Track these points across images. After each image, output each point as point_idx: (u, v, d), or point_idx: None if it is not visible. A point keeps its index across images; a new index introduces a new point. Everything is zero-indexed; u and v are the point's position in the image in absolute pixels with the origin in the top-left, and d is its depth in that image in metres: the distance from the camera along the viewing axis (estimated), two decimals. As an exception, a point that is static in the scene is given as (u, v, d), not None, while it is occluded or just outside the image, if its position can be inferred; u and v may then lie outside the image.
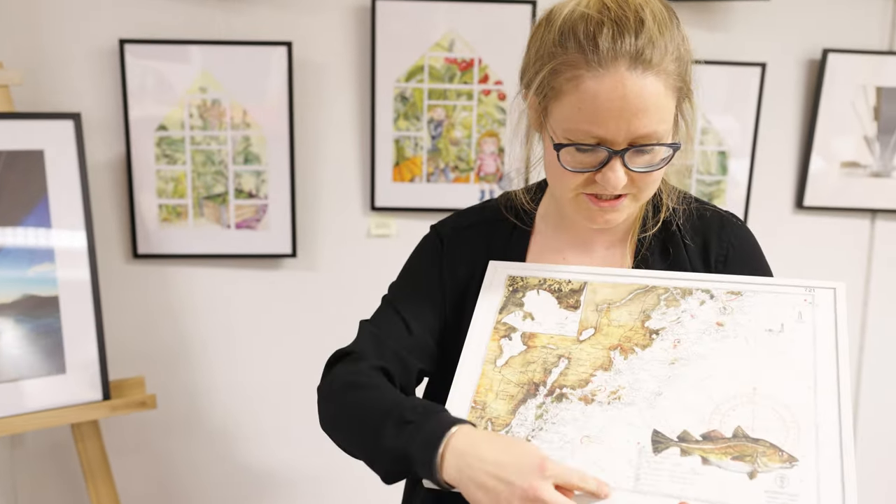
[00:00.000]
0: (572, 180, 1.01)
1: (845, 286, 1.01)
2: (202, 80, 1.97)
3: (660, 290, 1.07)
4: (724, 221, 1.15)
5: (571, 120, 0.97)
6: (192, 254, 2.06)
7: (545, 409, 0.99)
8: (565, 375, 1.01)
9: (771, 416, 0.92)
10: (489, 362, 1.05)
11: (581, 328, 1.05)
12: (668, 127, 0.99)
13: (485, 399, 1.02)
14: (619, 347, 1.02)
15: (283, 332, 2.15)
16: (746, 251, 1.15)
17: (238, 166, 2.02)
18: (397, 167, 2.08)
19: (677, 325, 1.02)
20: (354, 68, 2.04)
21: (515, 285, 1.12)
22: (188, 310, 2.10)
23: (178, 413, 2.15)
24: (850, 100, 2.16)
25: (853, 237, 2.26)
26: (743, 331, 1.00)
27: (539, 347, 1.05)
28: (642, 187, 1.02)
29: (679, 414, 0.94)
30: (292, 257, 2.08)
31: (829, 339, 0.97)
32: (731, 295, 1.04)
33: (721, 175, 2.16)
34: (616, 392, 0.98)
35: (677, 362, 0.99)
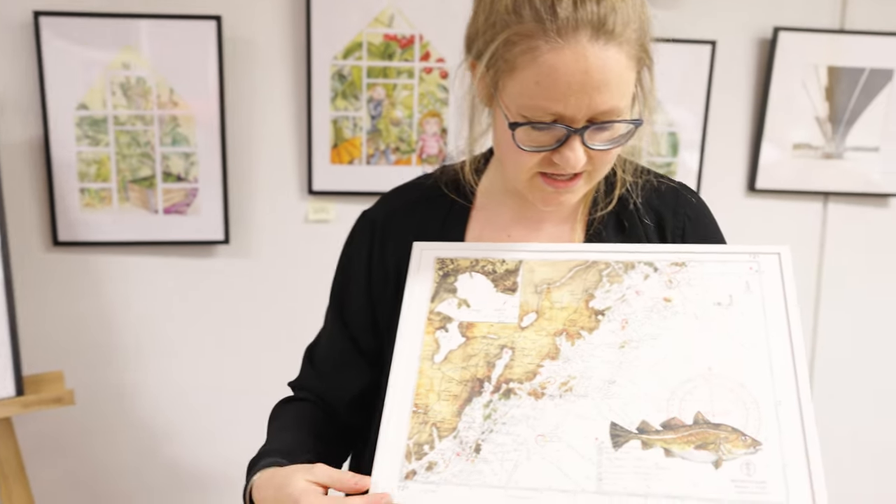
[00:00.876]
0: (527, 160, 0.93)
1: (789, 249, 0.97)
2: (125, 56, 1.86)
3: (601, 265, 1.00)
4: (679, 195, 1.09)
5: (528, 96, 0.89)
6: (118, 241, 1.94)
7: (493, 408, 0.92)
8: (511, 368, 0.94)
9: (729, 398, 0.88)
10: (426, 359, 0.97)
11: (522, 313, 0.98)
12: (628, 101, 0.92)
13: (426, 401, 0.94)
14: (565, 332, 0.96)
15: (215, 323, 2.04)
16: (703, 223, 1.10)
17: (166, 148, 1.91)
18: (335, 149, 1.99)
19: (623, 304, 0.96)
20: (289, 44, 1.94)
21: (445, 269, 1.03)
22: (114, 300, 1.99)
23: (102, 411, 2.03)
24: (801, 80, 2.11)
25: (806, 220, 2.22)
26: (692, 306, 0.95)
27: (479, 338, 0.97)
28: (599, 166, 0.95)
29: (636, 402, 0.89)
30: (225, 244, 1.98)
31: (779, 309, 0.94)
32: (675, 267, 0.99)
33: (672, 157, 2.10)
34: (567, 383, 0.92)
35: (627, 345, 0.94)
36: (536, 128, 0.91)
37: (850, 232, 2.23)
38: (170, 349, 2.03)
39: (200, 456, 2.09)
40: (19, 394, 1.71)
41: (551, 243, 1.05)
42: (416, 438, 0.91)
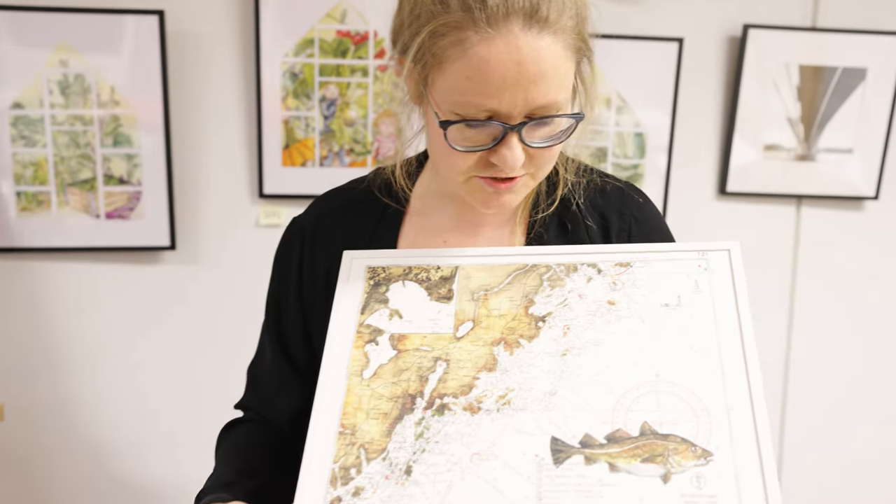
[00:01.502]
0: (462, 162, 0.86)
1: (739, 245, 0.91)
2: (62, 53, 1.76)
3: (541, 268, 0.94)
4: (624, 195, 1.03)
5: (459, 92, 0.82)
6: (57, 247, 1.85)
7: (426, 426, 0.85)
8: (445, 382, 0.87)
9: (678, 406, 0.82)
10: (355, 375, 0.90)
11: (457, 322, 0.91)
12: (567, 94, 0.86)
13: (354, 421, 0.87)
14: (503, 342, 0.89)
15: (161, 333, 1.95)
16: (650, 224, 1.04)
17: (107, 149, 1.82)
18: (287, 150, 1.90)
19: (565, 309, 0.90)
20: (237, 40, 1.86)
21: (376, 278, 0.96)
22: (52, 309, 1.89)
23: (39, 426, 1.94)
24: (772, 79, 2.04)
25: (779, 224, 2.15)
26: (638, 308, 0.89)
27: (411, 351, 0.90)
28: (541, 164, 0.89)
29: (578, 414, 0.83)
30: (171, 250, 1.89)
31: (730, 309, 0.88)
32: (619, 267, 0.93)
33: (639, 158, 2.02)
34: (505, 396, 0.85)
35: (569, 353, 0.87)
36: (470, 126, 0.84)
37: (825, 236, 2.16)
38: (113, 361, 1.94)
39: (144, 470, 2.00)
40: (-55, 409, 1.62)
41: (489, 247, 0.98)
42: (343, 462, 0.84)
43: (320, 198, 1.09)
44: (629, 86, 1.98)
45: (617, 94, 1.98)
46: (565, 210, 1.02)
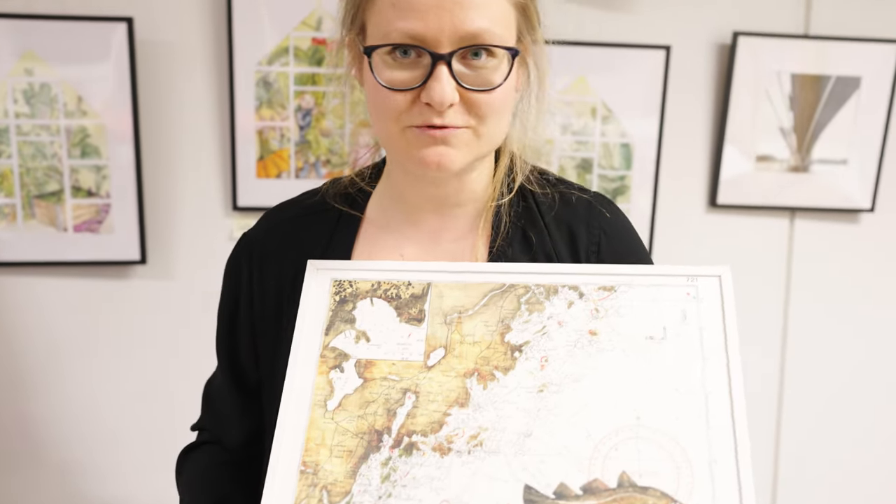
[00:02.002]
0: (394, 104, 0.82)
1: (730, 271, 0.85)
2: (27, 61, 1.71)
3: (519, 289, 0.87)
4: (592, 207, 0.98)
5: (386, 21, 0.80)
6: (22, 261, 1.79)
7: (393, 467, 0.79)
8: (414, 417, 0.81)
9: (659, 455, 0.77)
10: (318, 405, 0.83)
11: (428, 349, 0.85)
12: (505, 35, 0.83)
13: (316, 458, 0.80)
14: (477, 373, 0.83)
15: (132, 351, 1.88)
16: (620, 238, 0.98)
17: (74, 160, 1.76)
18: (261, 161, 1.84)
19: (543, 338, 0.84)
20: (209, 49, 1.80)
21: (343, 293, 0.89)
22: (17, 325, 1.83)
23: (3, 447, 1.87)
24: (763, 88, 1.98)
25: (772, 237, 2.08)
26: (620, 341, 0.83)
27: (379, 380, 0.83)
28: (482, 115, 0.84)
29: (554, 460, 0.77)
30: (141, 264, 1.83)
31: (718, 346, 0.82)
32: (602, 292, 0.86)
33: (625, 170, 1.96)
34: (477, 436, 0.79)
35: (547, 389, 0.81)
36: (397, 60, 0.81)
37: (819, 249, 2.10)
38: (81, 378, 1.88)
39: (113, 490, 1.93)
40: None
41: (464, 262, 0.92)
42: None
43: (270, 210, 1.04)
44: (615, 95, 1.92)
45: (602, 103, 1.92)
46: (530, 223, 0.97)
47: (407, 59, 0.81)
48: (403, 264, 0.91)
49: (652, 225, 1.98)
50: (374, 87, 0.84)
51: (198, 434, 1.12)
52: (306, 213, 1.00)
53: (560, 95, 1.90)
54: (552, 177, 1.01)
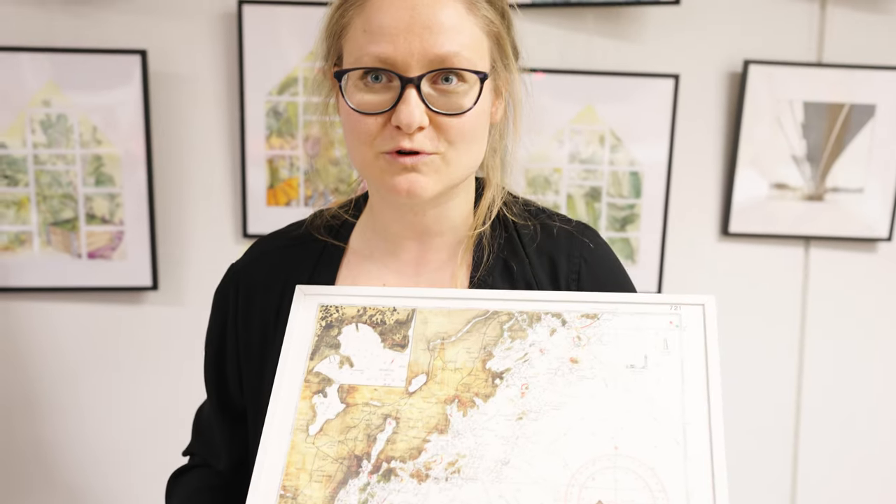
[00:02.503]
0: (366, 129, 0.84)
1: (714, 300, 0.85)
2: (46, 93, 1.76)
3: (503, 316, 0.89)
4: (573, 237, 0.99)
5: (358, 47, 0.84)
6: (38, 286, 1.83)
7: (370, 493, 0.80)
8: (393, 443, 0.82)
9: (636, 485, 0.77)
10: (300, 430, 0.85)
11: (410, 375, 0.86)
12: (474, 58, 0.85)
13: (296, 483, 0.81)
14: (457, 399, 0.84)
15: (143, 375, 1.91)
16: (601, 266, 0.99)
17: (89, 188, 1.81)
18: (271, 190, 1.87)
19: (524, 365, 0.85)
20: (221, 80, 1.84)
21: (329, 318, 0.91)
22: (33, 350, 1.87)
23: (16, 469, 1.91)
24: (775, 116, 1.96)
25: (786, 266, 2.05)
26: (601, 369, 0.84)
27: (360, 405, 0.85)
28: (451, 140, 0.85)
29: (530, 488, 0.78)
30: (153, 290, 1.86)
31: (699, 375, 0.82)
32: (585, 319, 0.87)
33: (635, 198, 1.95)
34: (455, 463, 0.80)
35: (526, 416, 0.82)
36: (368, 85, 0.84)
37: (836, 279, 2.06)
38: (93, 402, 1.91)
39: (122, 518, 1.96)
40: (-85, 452, 1.59)
41: (448, 289, 0.94)
42: None
43: (256, 242, 1.08)
44: (623, 123, 1.92)
45: (611, 131, 1.92)
46: (511, 254, 0.98)
47: (378, 83, 0.84)
48: (389, 290, 0.93)
49: (662, 253, 1.97)
50: (346, 112, 0.86)
51: (189, 458, 1.14)
52: (292, 245, 1.03)
53: (568, 124, 1.91)
54: (534, 207, 1.02)
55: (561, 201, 1.94)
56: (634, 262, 1.97)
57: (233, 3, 1.80)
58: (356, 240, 1.01)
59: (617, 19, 1.90)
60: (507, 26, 0.91)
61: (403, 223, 0.96)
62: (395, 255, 0.98)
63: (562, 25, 1.88)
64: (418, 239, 0.97)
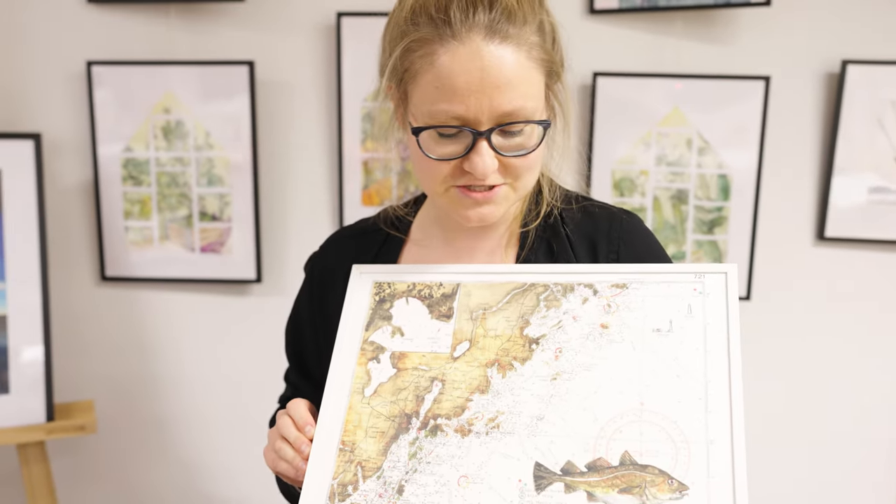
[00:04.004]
0: (439, 171, 0.93)
1: (736, 268, 0.90)
2: (166, 101, 1.95)
3: (539, 287, 0.96)
4: (613, 217, 1.05)
5: (429, 101, 0.90)
6: (158, 277, 2.02)
7: (419, 446, 0.89)
8: (439, 403, 0.92)
9: (660, 437, 0.84)
10: (357, 392, 0.95)
11: (455, 342, 0.95)
12: (536, 105, 0.92)
13: (354, 438, 0.92)
14: (497, 363, 0.92)
15: (247, 361, 2.07)
16: (639, 243, 1.05)
17: (202, 188, 1.98)
18: (366, 190, 1.99)
19: (559, 331, 0.93)
20: (320, 87, 1.97)
21: (382, 293, 1.02)
22: (152, 335, 2.07)
23: (137, 442, 2.11)
24: (876, 117, 1.90)
25: (888, 274, 1.98)
26: (629, 333, 0.90)
27: (410, 370, 0.95)
28: (518, 175, 0.94)
29: (563, 441, 0.85)
30: (257, 283, 2.02)
31: (721, 337, 0.88)
32: (615, 289, 0.94)
33: (723, 201, 1.94)
34: (494, 419, 0.89)
35: (560, 377, 0.90)
36: (443, 135, 0.90)
37: (944, 288, 1.97)
38: (205, 383, 2.08)
39: (234, 493, 2.12)
40: (49, 420, 1.80)
41: (490, 264, 1.03)
42: (341, 478, 0.90)
43: (333, 233, 1.18)
44: (712, 126, 1.91)
45: (698, 134, 1.92)
46: (554, 236, 1.04)
47: (450, 135, 0.91)
48: (436, 267, 1.02)
49: (752, 256, 1.94)
50: (421, 156, 0.93)
51: None
52: (360, 234, 1.13)
53: (656, 127, 1.92)
54: (575, 193, 1.09)
55: (647, 203, 1.95)
56: (722, 266, 1.95)
57: (332, 16, 1.93)
58: (416, 231, 1.10)
59: (706, 22, 1.90)
60: (554, 45, 0.95)
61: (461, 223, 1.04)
62: (450, 244, 1.06)
63: (650, 30, 1.90)
64: (473, 231, 1.05)
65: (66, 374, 2.03)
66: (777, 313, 1.98)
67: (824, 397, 2.00)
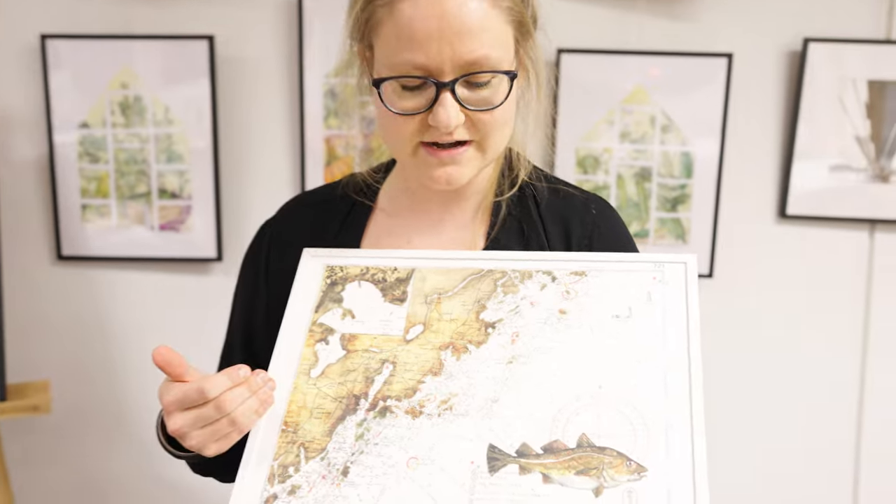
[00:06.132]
0: (404, 128, 0.90)
1: (696, 259, 0.90)
2: (123, 77, 1.91)
3: (496, 273, 0.95)
4: (587, 202, 1.03)
5: (391, 51, 0.87)
6: (116, 256, 1.99)
7: (367, 428, 0.87)
8: (390, 384, 0.89)
9: (617, 419, 0.82)
10: (303, 373, 0.92)
11: (408, 325, 0.93)
12: (503, 56, 0.89)
13: (297, 419, 0.89)
14: (451, 346, 0.90)
15: (208, 339, 2.04)
16: (612, 234, 1.03)
17: (161, 165, 1.95)
18: (328, 167, 1.96)
19: (516, 316, 0.91)
20: (281, 63, 1.94)
21: (334, 277, 0.99)
22: (111, 314, 2.03)
23: (95, 423, 2.07)
24: (837, 95, 1.91)
25: (850, 251, 1.99)
26: (588, 318, 0.89)
27: (360, 352, 0.92)
28: (485, 132, 0.91)
29: (518, 423, 0.83)
30: (218, 261, 1.98)
31: (680, 322, 0.87)
32: (574, 276, 0.92)
33: (686, 178, 1.94)
34: (447, 401, 0.86)
35: (516, 361, 0.88)
36: (406, 88, 0.88)
37: (903, 265, 1.98)
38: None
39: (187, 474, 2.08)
40: (2, 400, 1.76)
41: (447, 250, 1.00)
42: (282, 459, 0.86)
43: (290, 200, 1.13)
44: (675, 104, 1.91)
45: (662, 112, 1.91)
46: (525, 215, 1.02)
47: (413, 86, 0.88)
48: (390, 252, 0.99)
49: (714, 234, 1.94)
50: (384, 112, 0.90)
51: None
52: (322, 202, 1.09)
53: (619, 104, 1.92)
54: (549, 174, 1.07)
55: (611, 181, 1.95)
56: (686, 243, 1.95)
57: (293, -10, 1.90)
58: (384, 198, 1.06)
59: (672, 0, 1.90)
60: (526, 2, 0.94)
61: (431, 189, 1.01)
62: (420, 214, 1.03)
63: (614, 6, 1.89)
64: (443, 201, 1.03)
65: (22, 355, 1.99)
66: (739, 291, 1.99)
67: (783, 374, 2.01)
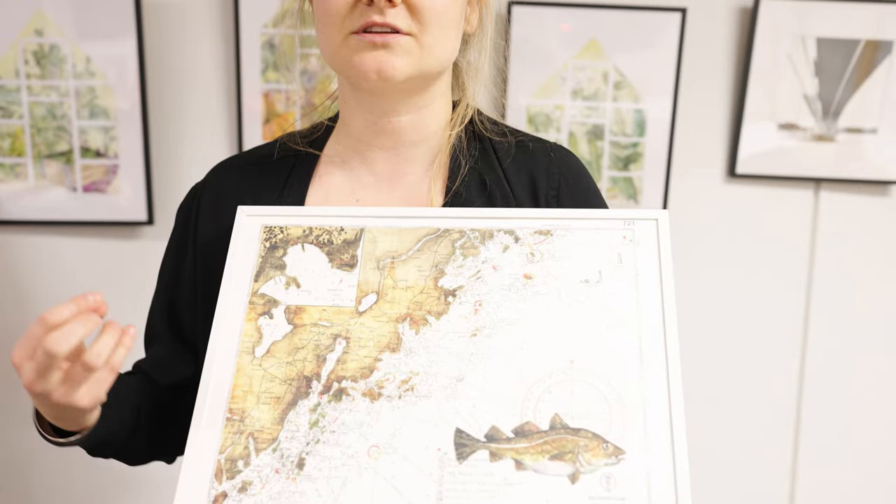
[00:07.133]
0: (336, 9, 0.84)
1: (667, 215, 0.85)
2: (37, 22, 1.74)
3: (454, 234, 0.87)
4: (552, 154, 0.97)
5: None
6: (34, 220, 1.83)
7: (321, 413, 0.79)
8: (344, 363, 0.81)
9: (592, 396, 0.77)
10: (246, 352, 0.83)
11: (360, 294, 0.84)
12: None
13: (243, 406, 0.80)
14: (409, 318, 0.82)
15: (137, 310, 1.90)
16: (579, 184, 0.98)
17: (83, 121, 1.79)
18: (267, 124, 1.85)
19: (477, 282, 0.84)
20: (215, 11, 1.81)
21: (274, 239, 0.89)
22: (27, 283, 1.87)
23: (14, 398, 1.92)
24: (786, 53, 1.90)
25: (795, 209, 2.00)
26: (556, 284, 0.83)
27: (308, 326, 0.83)
28: (424, 21, 0.84)
29: (486, 404, 0.77)
30: (149, 225, 1.85)
31: (654, 287, 0.82)
32: (538, 236, 0.86)
33: (638, 137, 1.90)
34: (408, 381, 0.79)
35: (480, 333, 0.81)
36: None
37: (846, 223, 2.01)
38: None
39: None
40: (-89, 379, 1.61)
41: (397, 208, 0.91)
42: (229, 452, 0.78)
43: (221, 162, 1.05)
44: (628, 59, 1.86)
45: (615, 68, 1.86)
46: (487, 167, 0.95)
47: None
48: (335, 209, 0.91)
49: (666, 193, 1.92)
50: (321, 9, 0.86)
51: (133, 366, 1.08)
52: (258, 162, 1.01)
53: (571, 60, 1.86)
54: (507, 126, 1.01)
55: (563, 139, 1.89)
56: (637, 202, 1.92)
57: (227, -69, 1.76)
58: (330, 148, 0.99)
59: (623, -50, 1.84)
60: None
61: (376, 129, 0.94)
62: (370, 168, 0.96)
63: (566, -43, 1.83)
64: (393, 149, 0.95)
65: (-69, 330, 1.82)
66: (687, 250, 1.98)
67: (729, 329, 2.02)
